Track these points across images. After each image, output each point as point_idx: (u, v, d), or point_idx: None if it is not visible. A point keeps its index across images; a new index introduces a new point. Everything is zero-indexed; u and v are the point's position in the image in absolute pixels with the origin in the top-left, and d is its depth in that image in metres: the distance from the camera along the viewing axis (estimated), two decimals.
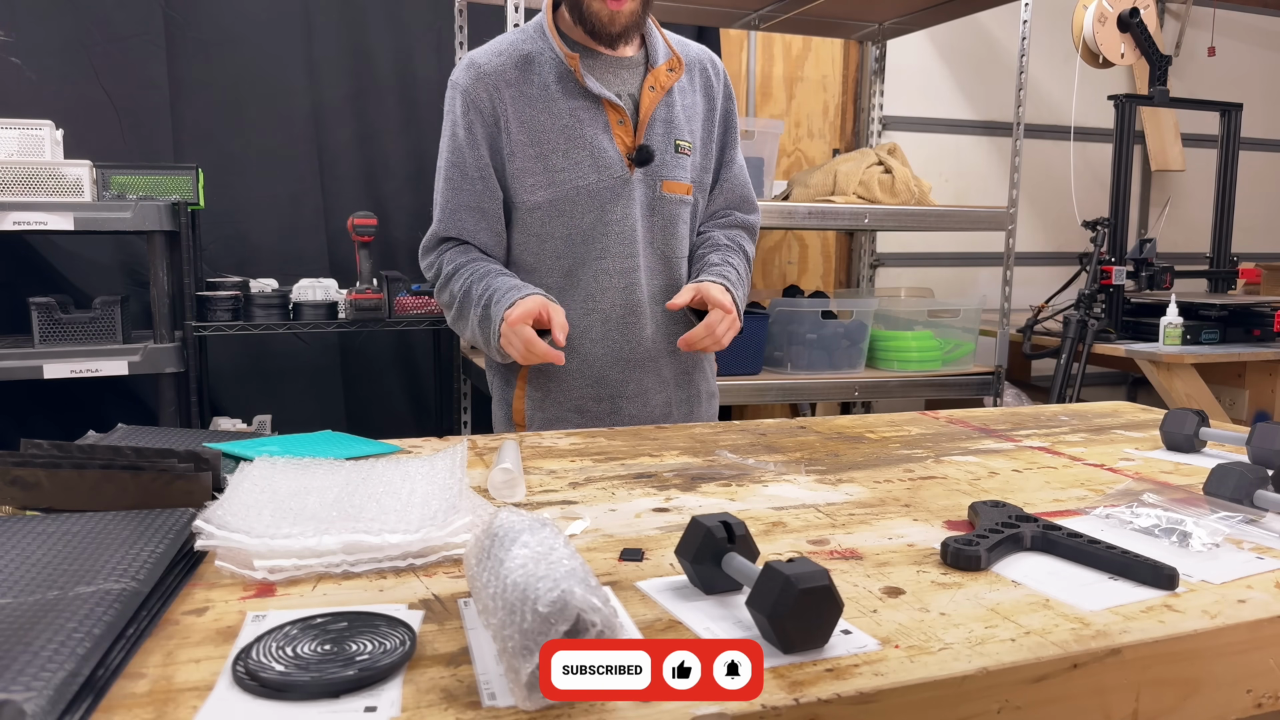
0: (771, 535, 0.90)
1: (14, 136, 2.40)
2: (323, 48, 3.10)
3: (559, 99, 1.47)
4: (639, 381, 1.56)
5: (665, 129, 1.52)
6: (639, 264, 1.52)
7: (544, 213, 1.50)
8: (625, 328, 1.53)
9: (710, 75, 1.62)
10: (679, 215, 1.56)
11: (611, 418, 1.56)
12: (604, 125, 1.48)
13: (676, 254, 1.57)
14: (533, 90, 1.47)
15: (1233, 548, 0.86)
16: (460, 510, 0.84)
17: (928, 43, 3.99)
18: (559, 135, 1.47)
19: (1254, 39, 4.65)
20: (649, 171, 1.51)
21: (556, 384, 1.54)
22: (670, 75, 1.52)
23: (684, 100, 1.56)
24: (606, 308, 1.52)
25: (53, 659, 0.55)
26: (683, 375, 1.63)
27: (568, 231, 1.50)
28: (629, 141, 1.50)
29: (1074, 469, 1.16)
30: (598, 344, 1.53)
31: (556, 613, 0.55)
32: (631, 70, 1.52)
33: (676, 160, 1.54)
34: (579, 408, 1.55)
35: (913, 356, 3.06)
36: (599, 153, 1.48)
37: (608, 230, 1.49)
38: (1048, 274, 4.07)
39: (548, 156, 1.47)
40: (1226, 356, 3.09)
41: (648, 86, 1.50)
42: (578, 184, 1.48)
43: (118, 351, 2.46)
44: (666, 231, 1.55)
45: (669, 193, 1.53)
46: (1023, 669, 0.63)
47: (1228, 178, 3.57)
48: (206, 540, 0.78)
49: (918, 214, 2.98)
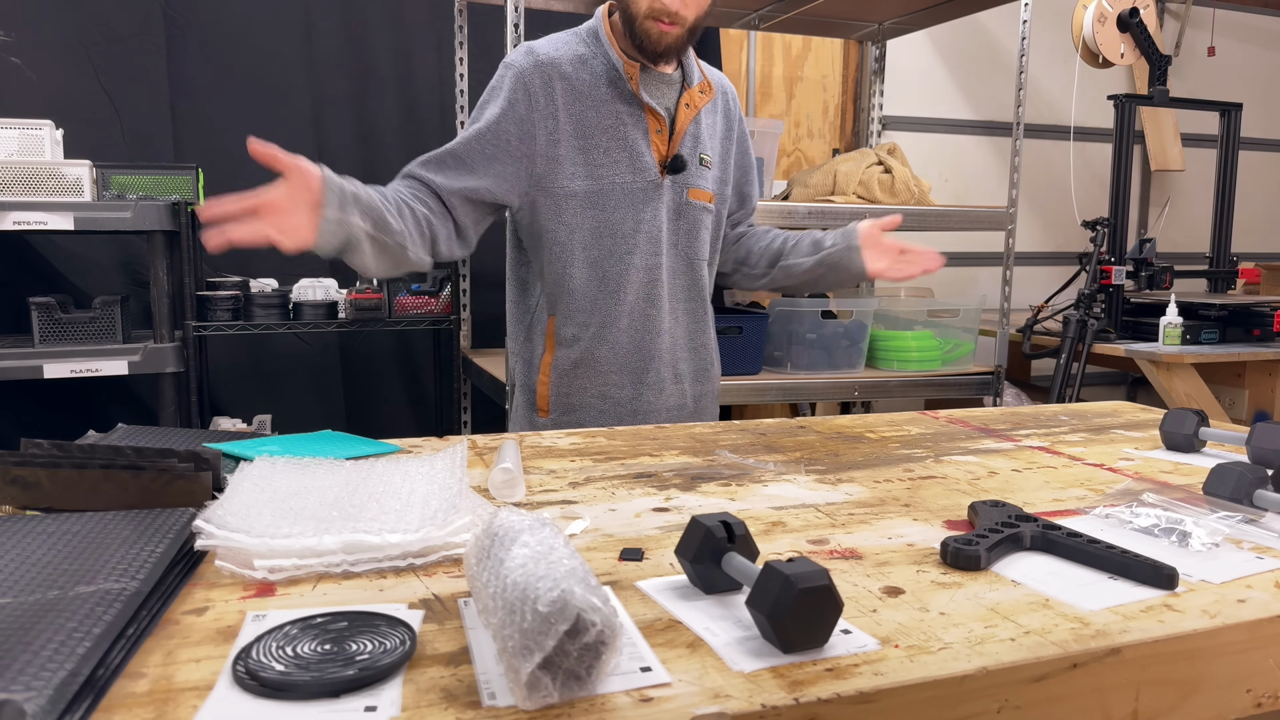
0: (771, 535, 0.90)
1: (14, 136, 2.40)
2: (323, 48, 3.10)
3: (608, 100, 1.57)
4: (657, 372, 1.65)
5: (693, 143, 1.65)
6: (662, 262, 1.61)
7: (579, 202, 1.57)
8: (648, 320, 1.62)
9: (729, 101, 1.76)
10: (702, 221, 1.67)
11: (633, 403, 1.63)
12: (644, 132, 1.59)
13: (698, 256, 1.68)
14: (584, 88, 1.56)
15: (1232, 547, 0.86)
16: (460, 510, 0.84)
17: (928, 43, 3.99)
18: (603, 134, 1.56)
19: (1254, 39, 4.65)
20: (678, 179, 1.62)
21: (584, 370, 1.61)
22: (702, 96, 1.65)
23: (709, 120, 1.69)
24: (632, 300, 1.60)
25: (53, 659, 0.55)
26: (700, 371, 1.73)
27: (597, 224, 1.57)
28: (664, 150, 1.61)
29: (1074, 469, 1.16)
30: (624, 333, 1.61)
31: (556, 612, 0.55)
32: (670, 86, 1.63)
33: (701, 172, 1.66)
34: (602, 393, 1.62)
35: (912, 356, 3.05)
36: (637, 155, 1.58)
37: (638, 228, 1.58)
38: (1047, 274, 4.07)
39: (590, 151, 1.56)
40: (1226, 356, 3.09)
41: (684, 103, 1.62)
42: (614, 180, 1.57)
43: (118, 351, 2.46)
44: (690, 235, 1.66)
45: (694, 199, 1.65)
46: (1022, 669, 0.63)
47: (1227, 177, 3.57)
48: (206, 540, 0.78)
49: (917, 214, 2.97)
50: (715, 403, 1.78)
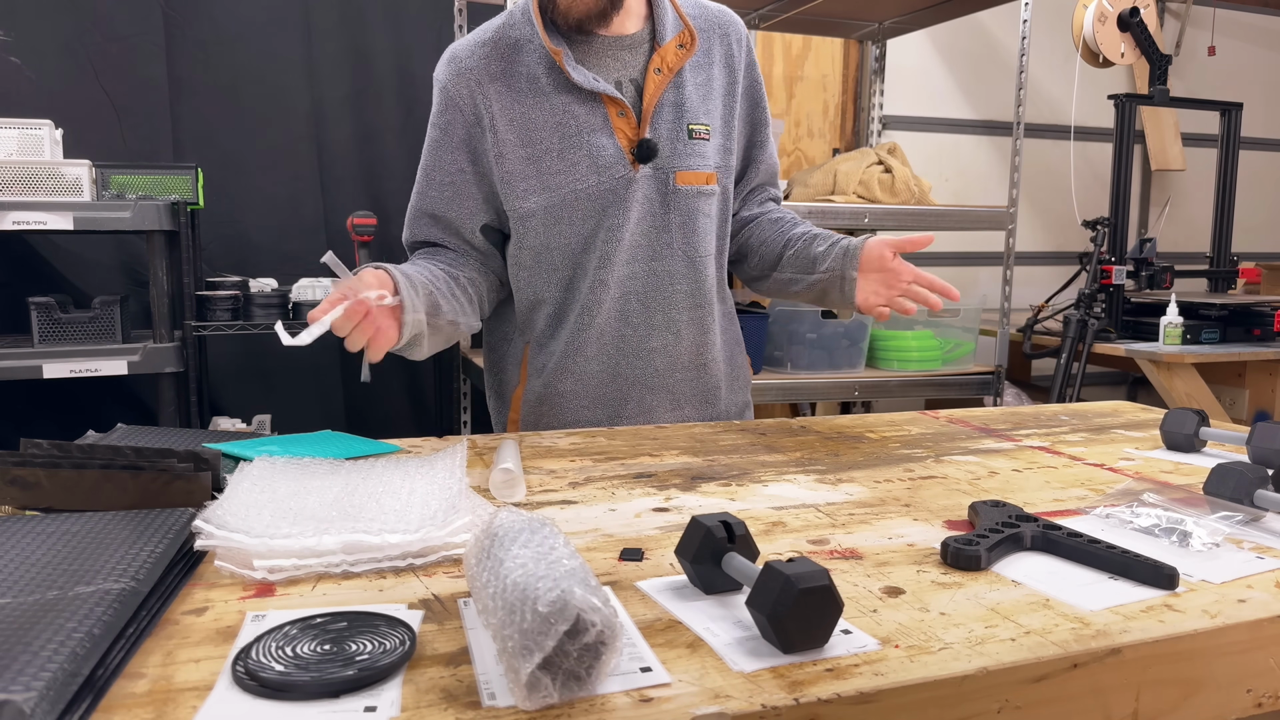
0: (771, 535, 0.90)
1: (14, 136, 2.40)
2: (323, 48, 3.10)
3: (550, 93, 1.31)
4: (640, 399, 1.42)
5: (675, 114, 1.35)
6: (646, 270, 1.38)
7: (539, 221, 1.35)
8: (622, 343, 1.40)
9: (731, 44, 1.43)
10: (699, 208, 1.39)
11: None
12: (602, 119, 1.32)
13: (701, 252, 1.41)
14: (521, 83, 1.32)
15: (1233, 547, 0.86)
16: (460, 510, 0.84)
17: (928, 42, 3.99)
18: (552, 134, 1.32)
19: (1254, 39, 4.65)
20: (659, 165, 1.35)
21: (550, 406, 1.43)
22: (681, 53, 1.35)
23: (698, 77, 1.38)
24: (602, 322, 1.38)
25: (52, 659, 0.55)
26: (708, 392, 1.48)
27: (566, 241, 1.35)
28: (632, 135, 1.33)
29: (1074, 469, 1.16)
30: (593, 361, 1.40)
31: (556, 613, 0.55)
32: (634, 51, 1.35)
33: (691, 148, 1.37)
34: (575, 428, 1.44)
35: (913, 356, 3.06)
36: (597, 152, 1.32)
37: (609, 236, 1.35)
38: (1048, 274, 4.07)
39: (541, 158, 1.32)
40: (1227, 356, 3.09)
41: (653, 69, 1.33)
42: (575, 188, 1.32)
43: (117, 351, 2.46)
44: (687, 229, 1.39)
45: (685, 185, 1.37)
46: (1023, 669, 0.63)
47: (1228, 177, 3.57)
48: (206, 540, 0.78)
49: (918, 213, 2.98)
50: (746, 414, 1.56)
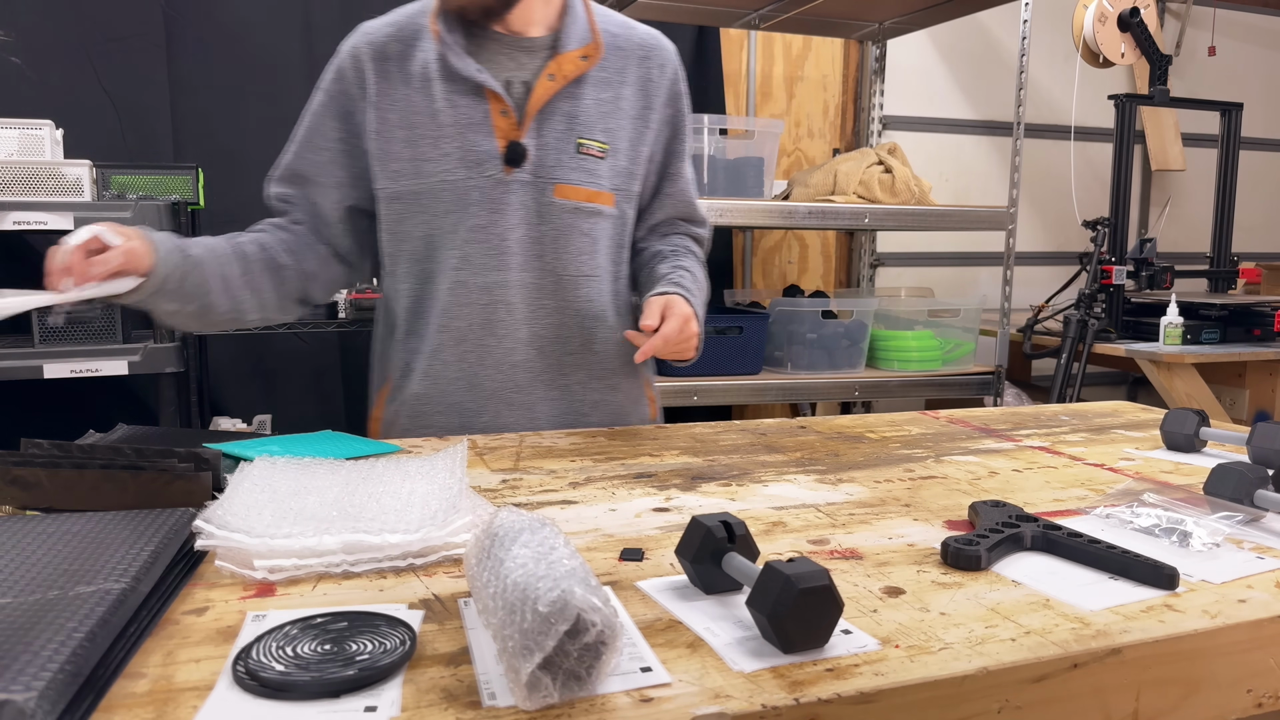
0: (771, 535, 0.90)
1: (14, 136, 2.40)
2: (323, 48, 3.07)
3: (436, 80, 1.29)
4: (495, 413, 1.35)
5: (566, 124, 1.31)
6: (510, 279, 1.32)
7: (403, 205, 1.32)
8: (484, 352, 1.33)
9: (651, 68, 1.39)
10: (575, 226, 1.34)
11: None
12: (483, 115, 1.29)
13: (571, 271, 1.34)
14: (413, 68, 1.30)
15: (1233, 547, 0.86)
16: (460, 510, 0.84)
17: (928, 42, 3.99)
18: (430, 121, 1.29)
19: (1254, 39, 4.65)
20: (536, 173, 1.31)
21: (406, 407, 1.38)
22: (581, 63, 1.31)
23: (601, 93, 1.34)
24: (463, 326, 1.32)
25: (53, 658, 0.55)
26: (574, 415, 1.39)
27: (427, 231, 1.32)
28: (512, 137, 1.30)
29: (1074, 469, 1.16)
30: (450, 366, 1.34)
31: (556, 613, 0.55)
32: (534, 55, 1.32)
33: (578, 162, 1.32)
34: (430, 432, 1.37)
35: (913, 356, 3.06)
36: (470, 146, 1.29)
37: (471, 236, 1.30)
38: (1048, 274, 4.07)
39: (417, 143, 1.30)
40: (1227, 356, 3.09)
41: (545, 74, 1.30)
42: (443, 178, 1.29)
43: (118, 351, 2.46)
44: (558, 245, 1.33)
45: (562, 199, 1.32)
46: (1023, 669, 0.63)
47: (1228, 177, 3.57)
48: (206, 540, 0.78)
49: (918, 214, 2.98)
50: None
